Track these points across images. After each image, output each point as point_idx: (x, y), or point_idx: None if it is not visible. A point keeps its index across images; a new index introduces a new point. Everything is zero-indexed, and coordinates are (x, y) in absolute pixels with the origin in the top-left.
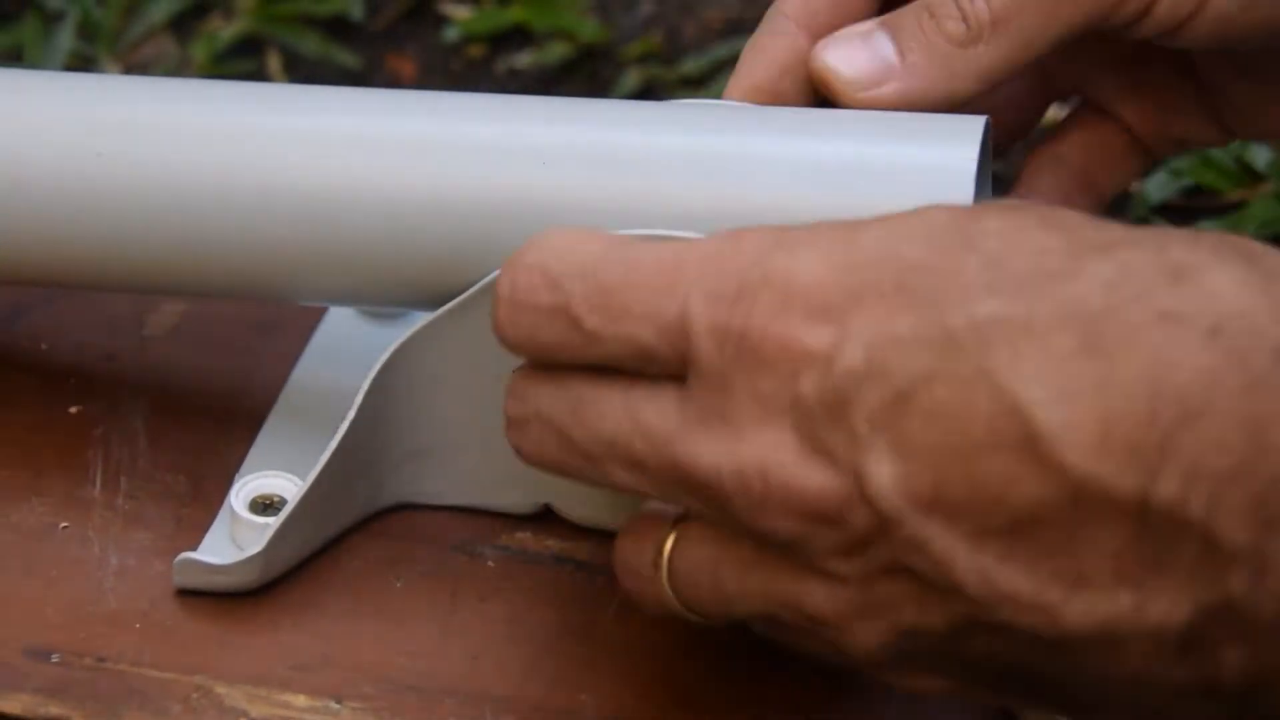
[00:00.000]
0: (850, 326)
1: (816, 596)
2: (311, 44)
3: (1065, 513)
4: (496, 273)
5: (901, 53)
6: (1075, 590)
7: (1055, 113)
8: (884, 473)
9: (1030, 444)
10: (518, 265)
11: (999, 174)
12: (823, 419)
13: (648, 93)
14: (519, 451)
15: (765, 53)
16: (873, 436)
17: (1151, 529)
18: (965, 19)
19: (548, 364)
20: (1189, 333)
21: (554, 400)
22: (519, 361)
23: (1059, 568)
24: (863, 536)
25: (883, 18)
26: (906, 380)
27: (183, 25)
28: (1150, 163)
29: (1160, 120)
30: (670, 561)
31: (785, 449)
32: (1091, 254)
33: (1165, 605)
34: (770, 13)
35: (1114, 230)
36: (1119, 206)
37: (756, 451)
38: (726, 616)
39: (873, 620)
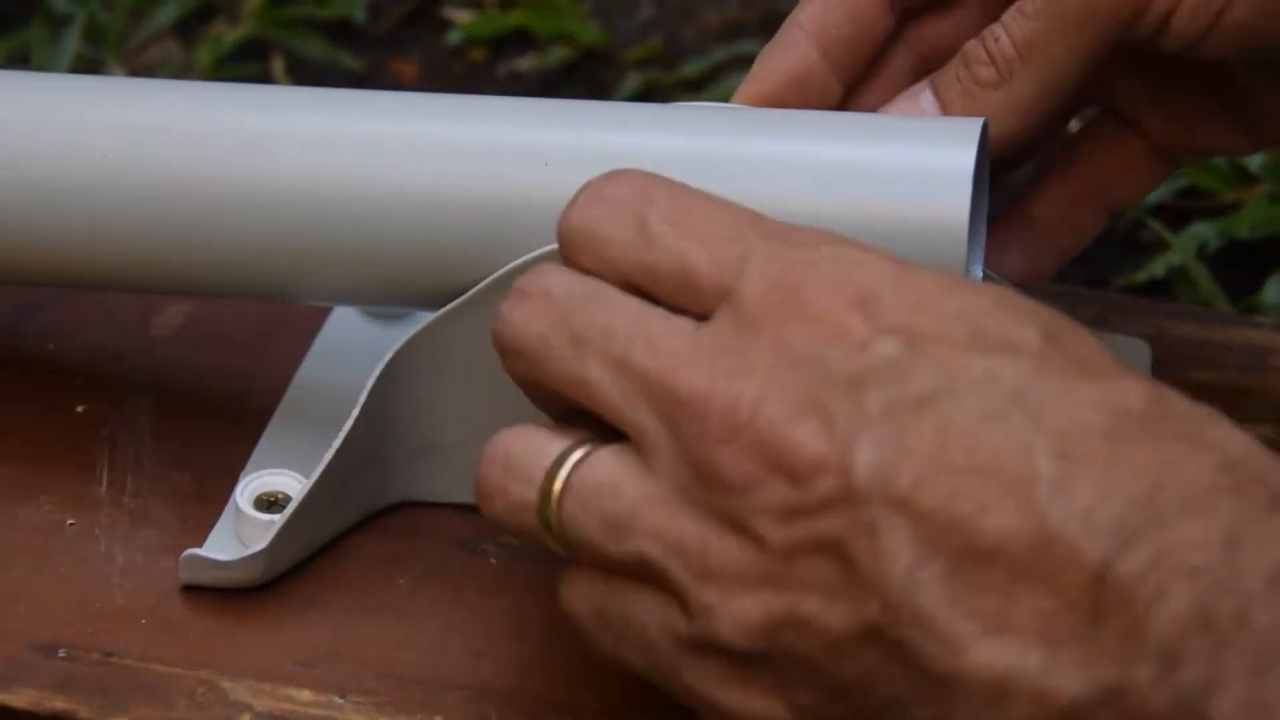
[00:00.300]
0: (900, 325)
1: (725, 548)
2: (315, 47)
3: (1022, 558)
4: (499, 272)
5: (943, 105)
6: (991, 634)
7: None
8: (873, 455)
9: (1022, 483)
10: (621, 169)
11: (1016, 183)
12: (837, 386)
13: (648, 95)
14: (502, 322)
15: (776, 62)
16: (879, 420)
17: (1094, 599)
18: (993, 60)
19: (594, 263)
20: (1206, 456)
21: (573, 284)
22: None
23: (986, 607)
24: (817, 503)
25: (932, 75)
26: (934, 389)
27: (187, 29)
28: (1169, 173)
29: (1186, 130)
30: (573, 471)
31: (787, 398)
32: (1130, 373)
33: (1068, 675)
34: (786, 23)
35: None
36: None
37: (757, 388)
38: (601, 553)
39: (769, 594)
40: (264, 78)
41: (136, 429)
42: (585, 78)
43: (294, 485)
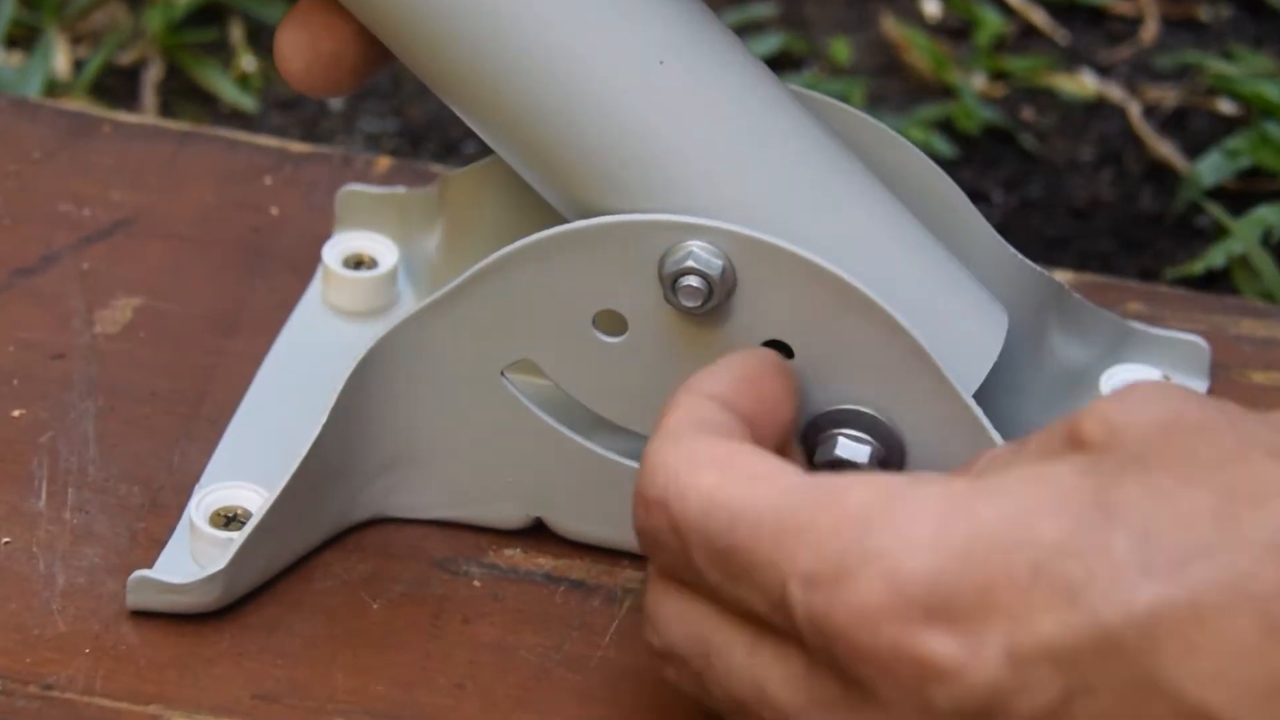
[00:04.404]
0: (982, 633)
1: None
2: (277, 13)
3: None
4: (475, 268)
5: None
6: None
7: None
8: None
9: None
10: (644, 498)
11: None
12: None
13: None
14: (669, 681)
15: None
16: None
17: None
18: None
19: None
20: None
21: (687, 642)
22: (509, 360)
23: None
24: None
25: None
26: (1060, 692)
27: None
28: None
29: None
30: None
31: None
32: (1246, 511)
33: None
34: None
35: (1268, 463)
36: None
37: None
38: None
39: None
40: (222, 44)
41: (79, 436)
42: None
43: (255, 499)
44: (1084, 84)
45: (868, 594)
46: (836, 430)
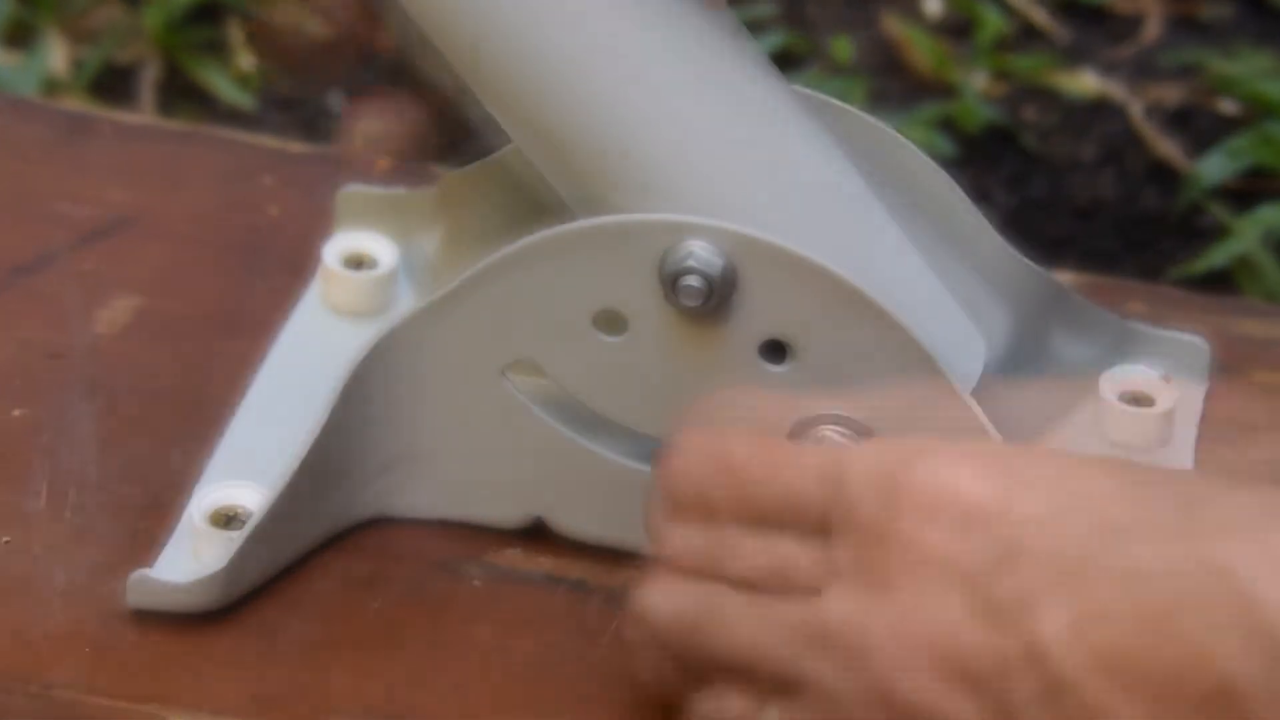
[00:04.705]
0: (1027, 476)
1: None
2: (275, 12)
3: (1267, 688)
4: (484, 262)
5: None
6: None
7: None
8: (1061, 630)
9: (1246, 612)
10: (683, 440)
11: None
12: (994, 572)
13: None
14: (643, 612)
15: None
16: (1051, 590)
17: None
18: None
19: (701, 517)
20: None
21: (676, 613)
22: (509, 360)
23: None
24: (1022, 707)
25: None
26: (1096, 532)
27: None
28: None
29: None
30: None
31: (950, 609)
32: None
33: None
34: None
35: None
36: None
37: (917, 611)
38: None
39: None
40: (220, 44)
41: (79, 436)
42: None
43: (254, 498)
44: (1086, 83)
45: (928, 461)
46: (831, 429)
